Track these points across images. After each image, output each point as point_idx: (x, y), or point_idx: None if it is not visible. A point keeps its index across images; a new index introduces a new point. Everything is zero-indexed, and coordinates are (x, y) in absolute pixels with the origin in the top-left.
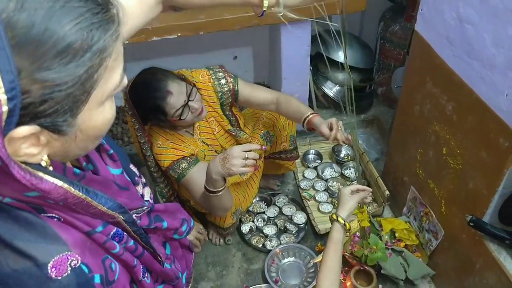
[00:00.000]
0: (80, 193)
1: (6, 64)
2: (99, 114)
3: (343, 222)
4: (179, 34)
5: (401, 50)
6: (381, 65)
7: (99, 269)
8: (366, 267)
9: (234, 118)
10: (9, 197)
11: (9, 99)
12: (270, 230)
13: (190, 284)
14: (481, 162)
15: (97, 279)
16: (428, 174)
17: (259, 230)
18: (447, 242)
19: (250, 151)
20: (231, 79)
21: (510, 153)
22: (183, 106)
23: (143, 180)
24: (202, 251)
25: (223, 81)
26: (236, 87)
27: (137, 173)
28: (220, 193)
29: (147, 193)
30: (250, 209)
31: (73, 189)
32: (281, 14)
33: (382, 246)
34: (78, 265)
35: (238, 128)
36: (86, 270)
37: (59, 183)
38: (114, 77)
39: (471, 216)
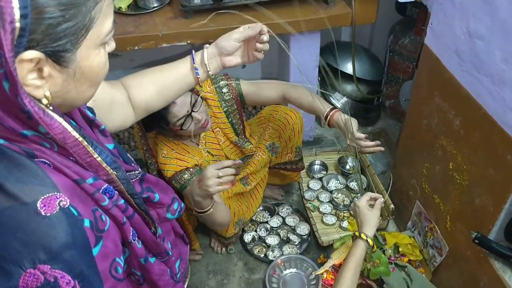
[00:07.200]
0: (77, 135)
1: None
2: (95, 55)
3: (371, 241)
4: (188, 42)
5: (410, 63)
6: (390, 77)
7: (89, 215)
8: (369, 281)
9: (241, 127)
10: (1, 139)
11: (22, 17)
12: (272, 240)
13: (188, 279)
14: (488, 178)
15: (86, 223)
16: (434, 189)
17: (261, 239)
18: (452, 259)
19: (224, 168)
20: (234, 85)
21: None
22: (185, 116)
23: (138, 169)
24: (204, 258)
25: (225, 90)
26: (240, 91)
27: (133, 160)
28: (209, 211)
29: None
30: (254, 218)
31: (70, 128)
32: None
33: (385, 261)
34: (67, 206)
35: (243, 137)
36: (75, 213)
37: (59, 119)
38: (107, 22)
39: (476, 233)
